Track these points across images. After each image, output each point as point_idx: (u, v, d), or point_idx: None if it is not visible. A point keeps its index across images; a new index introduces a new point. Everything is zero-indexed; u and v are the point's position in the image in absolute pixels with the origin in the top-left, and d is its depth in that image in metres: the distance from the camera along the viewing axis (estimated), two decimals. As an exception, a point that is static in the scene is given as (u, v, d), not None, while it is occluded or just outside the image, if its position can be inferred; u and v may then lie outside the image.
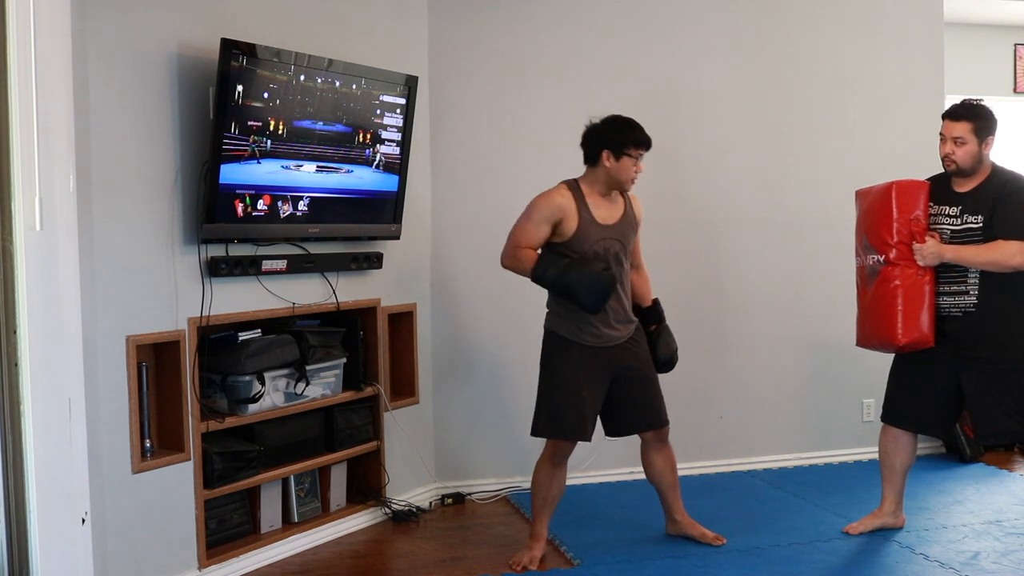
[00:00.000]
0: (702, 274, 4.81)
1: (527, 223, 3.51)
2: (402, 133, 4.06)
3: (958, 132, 3.50)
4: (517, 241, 3.52)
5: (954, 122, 3.52)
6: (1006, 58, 6.34)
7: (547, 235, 3.49)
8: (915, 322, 3.53)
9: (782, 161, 4.92)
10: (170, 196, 3.35)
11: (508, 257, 3.55)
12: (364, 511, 4.15)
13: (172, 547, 3.36)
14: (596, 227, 3.50)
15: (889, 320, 3.55)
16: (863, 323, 3.73)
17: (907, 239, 3.54)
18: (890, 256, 3.55)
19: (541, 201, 3.52)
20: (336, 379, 4.02)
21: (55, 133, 2.61)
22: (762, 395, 4.94)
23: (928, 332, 3.54)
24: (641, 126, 3.54)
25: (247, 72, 3.36)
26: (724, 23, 4.85)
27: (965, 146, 3.49)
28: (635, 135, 3.50)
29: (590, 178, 3.56)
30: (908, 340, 3.54)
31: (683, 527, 3.83)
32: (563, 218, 3.47)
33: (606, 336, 3.54)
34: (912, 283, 3.53)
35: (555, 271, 3.42)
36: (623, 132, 3.50)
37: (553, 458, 3.60)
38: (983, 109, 3.56)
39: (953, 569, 3.50)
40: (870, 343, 3.73)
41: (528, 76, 4.60)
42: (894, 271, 3.55)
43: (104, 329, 3.12)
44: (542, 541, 3.67)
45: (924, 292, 3.53)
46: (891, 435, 3.81)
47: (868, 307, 3.68)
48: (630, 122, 3.54)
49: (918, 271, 3.53)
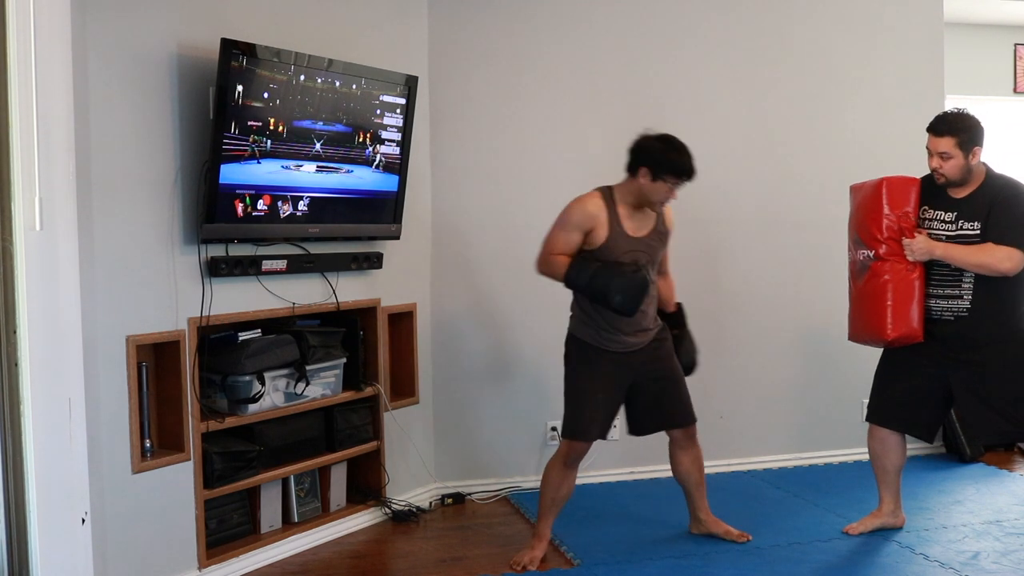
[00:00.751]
0: (702, 274, 4.80)
1: (559, 231, 3.49)
2: (402, 133, 4.06)
3: (943, 147, 3.48)
4: (550, 248, 3.51)
5: (938, 137, 3.50)
6: (1006, 58, 6.34)
7: (579, 242, 3.47)
8: (904, 317, 3.53)
9: (782, 161, 4.92)
10: (170, 196, 3.35)
11: (542, 263, 3.53)
12: (364, 511, 4.15)
13: (172, 547, 3.36)
14: (626, 239, 3.48)
15: (879, 315, 3.56)
16: (854, 317, 3.74)
17: (897, 235, 3.54)
18: (880, 251, 3.56)
19: (574, 208, 3.49)
20: (336, 379, 4.02)
21: (55, 133, 2.61)
22: (762, 395, 4.94)
23: (917, 327, 3.54)
24: (690, 155, 3.43)
25: (247, 72, 3.36)
26: (724, 23, 4.84)
27: (951, 160, 3.48)
28: (679, 164, 3.41)
29: (625, 188, 3.51)
30: (897, 335, 3.54)
31: (708, 525, 3.83)
32: (594, 227, 3.46)
33: (628, 343, 3.55)
34: (901, 278, 3.53)
35: (587, 275, 3.38)
36: (667, 156, 3.41)
37: (566, 459, 3.60)
38: (966, 120, 3.50)
39: (953, 569, 3.50)
40: (861, 337, 3.74)
41: (528, 76, 4.60)
42: (884, 266, 3.55)
43: (104, 329, 3.12)
44: (545, 542, 3.67)
45: (913, 287, 3.53)
46: (878, 437, 3.81)
47: (858, 301, 3.69)
48: (679, 148, 3.44)
49: (907, 266, 3.53)
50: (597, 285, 3.36)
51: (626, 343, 3.54)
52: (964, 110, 3.56)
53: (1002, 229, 3.43)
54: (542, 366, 4.38)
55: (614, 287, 3.34)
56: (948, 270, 3.53)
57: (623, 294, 3.34)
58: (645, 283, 3.39)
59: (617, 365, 3.55)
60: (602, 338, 3.53)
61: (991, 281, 3.46)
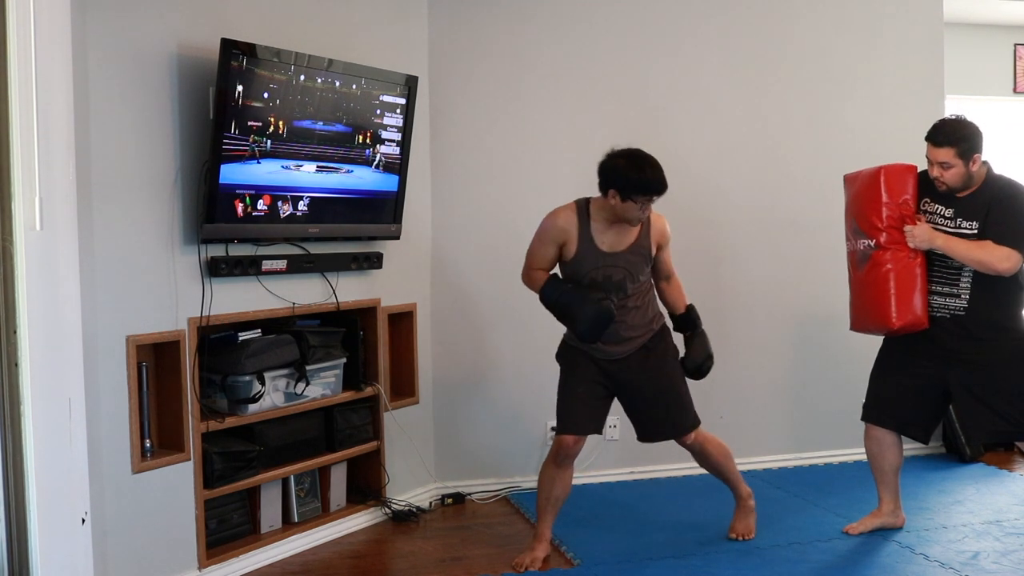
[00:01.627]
0: (702, 274, 4.79)
1: (537, 244, 3.54)
2: (402, 133, 4.06)
3: (943, 157, 3.47)
4: (530, 262, 3.56)
5: (937, 148, 3.48)
6: (1006, 58, 6.34)
7: (554, 255, 3.51)
8: (908, 305, 3.52)
9: (782, 161, 4.92)
10: (170, 196, 3.35)
11: (524, 276, 3.60)
12: (364, 511, 4.15)
13: (172, 547, 3.36)
14: (596, 254, 3.47)
15: (882, 304, 3.55)
16: (857, 307, 3.72)
17: (897, 223, 3.53)
18: (880, 240, 3.55)
19: (546, 222, 3.53)
20: (336, 379, 4.02)
21: (55, 133, 2.60)
22: (762, 395, 4.94)
23: (922, 314, 3.53)
24: (657, 170, 3.35)
25: (247, 72, 3.36)
26: (724, 23, 4.84)
27: (952, 169, 3.47)
28: (644, 182, 3.33)
29: (599, 204, 3.47)
30: (903, 323, 3.53)
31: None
32: (566, 241, 3.48)
33: (608, 352, 3.56)
34: (904, 266, 3.53)
35: (555, 296, 3.43)
36: (630, 177, 3.33)
37: (556, 458, 3.60)
38: (965, 128, 3.48)
39: (953, 569, 3.50)
40: (864, 327, 3.72)
41: (528, 76, 4.60)
42: (885, 255, 3.54)
43: (104, 329, 3.12)
44: (545, 542, 3.66)
45: (916, 275, 3.53)
46: (873, 437, 3.80)
47: (860, 291, 3.68)
48: (642, 165, 3.34)
49: (909, 254, 3.52)
50: (563, 310, 3.42)
51: (607, 352, 3.56)
52: (962, 116, 3.55)
53: (1001, 230, 3.42)
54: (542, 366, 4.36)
55: (578, 315, 3.39)
56: (946, 268, 3.53)
57: (585, 323, 3.38)
58: (609, 313, 3.38)
59: (599, 366, 3.58)
60: (585, 344, 3.56)
61: (988, 280, 3.46)
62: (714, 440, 3.75)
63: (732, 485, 3.84)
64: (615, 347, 3.55)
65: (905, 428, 3.76)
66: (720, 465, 3.77)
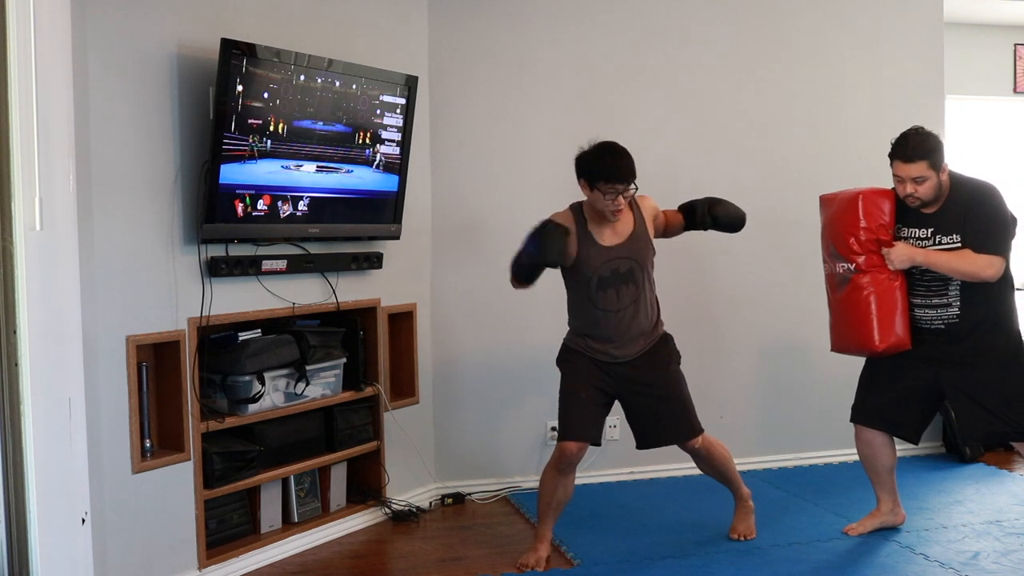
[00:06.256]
0: (701, 274, 4.80)
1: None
2: (402, 133, 4.06)
3: (916, 172, 3.44)
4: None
5: (908, 164, 3.45)
6: (1006, 58, 6.33)
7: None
8: (891, 327, 3.53)
9: (782, 161, 4.92)
10: (170, 196, 3.35)
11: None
12: (364, 511, 4.15)
13: (172, 547, 3.36)
14: (600, 250, 3.49)
15: (864, 327, 3.56)
16: (838, 329, 3.72)
17: (875, 247, 3.54)
18: (860, 263, 3.56)
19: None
20: (336, 379, 4.02)
21: (55, 133, 2.60)
22: (762, 395, 4.94)
23: (904, 336, 3.55)
24: (617, 157, 3.37)
25: (247, 72, 3.36)
26: (724, 23, 4.84)
27: (927, 182, 3.45)
28: (604, 169, 3.35)
29: (588, 202, 3.53)
30: (887, 345, 3.55)
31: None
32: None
33: (612, 355, 3.56)
34: (884, 288, 3.53)
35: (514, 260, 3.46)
36: (592, 165, 3.38)
37: (558, 464, 3.58)
38: (930, 140, 3.48)
39: (953, 569, 3.50)
40: (846, 348, 3.73)
41: (528, 76, 4.60)
42: (864, 278, 3.55)
43: (104, 329, 3.12)
44: (546, 543, 3.66)
45: (896, 297, 3.54)
46: (863, 439, 3.80)
47: (841, 314, 3.68)
48: (604, 154, 3.38)
49: (889, 276, 3.53)
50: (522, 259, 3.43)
51: (610, 354, 3.55)
52: (921, 128, 3.54)
53: (980, 237, 3.41)
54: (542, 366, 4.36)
55: (528, 244, 3.39)
56: (933, 280, 3.52)
57: (532, 242, 3.38)
58: (551, 223, 3.39)
59: (602, 371, 3.57)
60: (589, 348, 3.56)
61: (977, 285, 3.46)
62: (717, 444, 3.75)
63: (733, 487, 3.84)
64: (621, 349, 3.55)
65: (895, 429, 3.75)
66: (722, 468, 3.77)
